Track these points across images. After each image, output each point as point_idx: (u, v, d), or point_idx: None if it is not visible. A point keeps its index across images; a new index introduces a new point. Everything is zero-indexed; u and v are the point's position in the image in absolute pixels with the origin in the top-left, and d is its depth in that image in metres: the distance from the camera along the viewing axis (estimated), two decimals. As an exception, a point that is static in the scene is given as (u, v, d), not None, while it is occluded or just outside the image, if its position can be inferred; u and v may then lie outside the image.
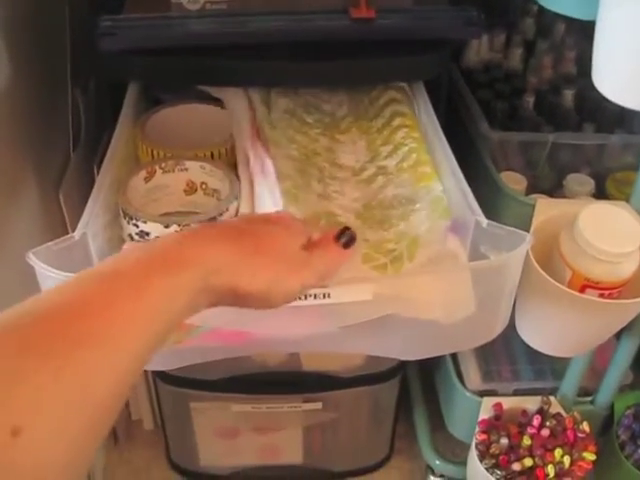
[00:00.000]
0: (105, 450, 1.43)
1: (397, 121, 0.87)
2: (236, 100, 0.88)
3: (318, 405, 1.25)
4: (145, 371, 1.33)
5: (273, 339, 0.73)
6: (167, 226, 0.69)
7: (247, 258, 0.51)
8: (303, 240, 0.58)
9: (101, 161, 0.79)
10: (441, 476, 1.29)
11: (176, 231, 0.67)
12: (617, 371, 1.06)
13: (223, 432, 1.31)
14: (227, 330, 0.69)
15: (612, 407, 1.13)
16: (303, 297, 0.60)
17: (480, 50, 1.18)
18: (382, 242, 0.73)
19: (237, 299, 0.51)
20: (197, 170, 0.79)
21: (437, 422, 1.28)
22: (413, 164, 0.81)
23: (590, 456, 1.03)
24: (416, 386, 1.40)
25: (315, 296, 0.61)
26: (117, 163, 0.78)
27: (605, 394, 1.11)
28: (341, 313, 0.65)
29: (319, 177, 0.81)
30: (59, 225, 0.95)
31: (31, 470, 0.32)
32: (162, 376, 1.22)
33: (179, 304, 0.45)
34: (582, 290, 0.80)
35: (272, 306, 0.54)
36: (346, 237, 0.59)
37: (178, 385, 1.22)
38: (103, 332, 0.38)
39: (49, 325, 0.37)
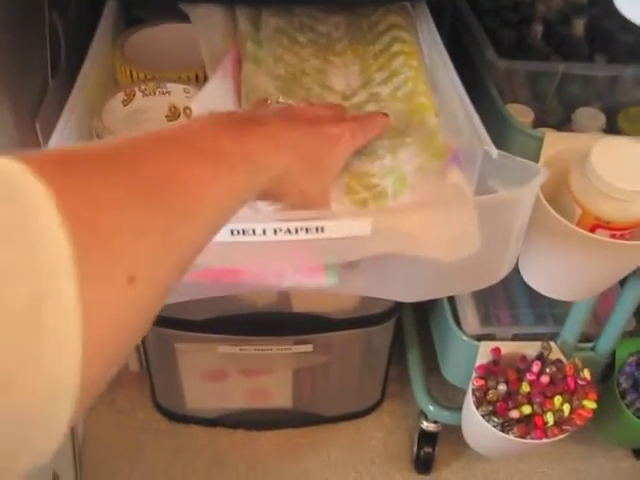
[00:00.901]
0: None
1: (396, 47, 0.81)
2: (210, 16, 0.81)
3: (309, 347, 1.21)
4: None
5: (262, 277, 0.68)
6: (145, 153, 0.63)
7: (306, 171, 0.55)
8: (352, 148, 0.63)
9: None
10: (434, 422, 1.26)
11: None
12: (620, 317, 1.03)
13: (210, 374, 1.28)
14: (216, 267, 0.64)
15: (614, 354, 1.09)
16: (294, 231, 0.55)
17: (487, -24, 1.11)
18: (366, 174, 0.68)
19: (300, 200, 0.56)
20: (180, 93, 0.73)
21: (431, 364, 1.24)
22: (409, 93, 0.75)
23: (590, 404, 0.99)
24: (410, 328, 1.36)
25: (307, 230, 0.55)
26: (92, 85, 0.72)
27: (607, 341, 1.07)
28: (335, 250, 0.60)
29: (304, 97, 0.75)
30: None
31: (143, 315, 0.35)
32: (146, 316, 1.18)
33: (250, 197, 0.48)
34: (592, 230, 0.75)
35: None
36: None
37: (163, 325, 1.17)
38: (197, 207, 0.41)
39: (156, 196, 0.38)
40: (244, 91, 0.73)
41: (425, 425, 1.27)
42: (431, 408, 1.25)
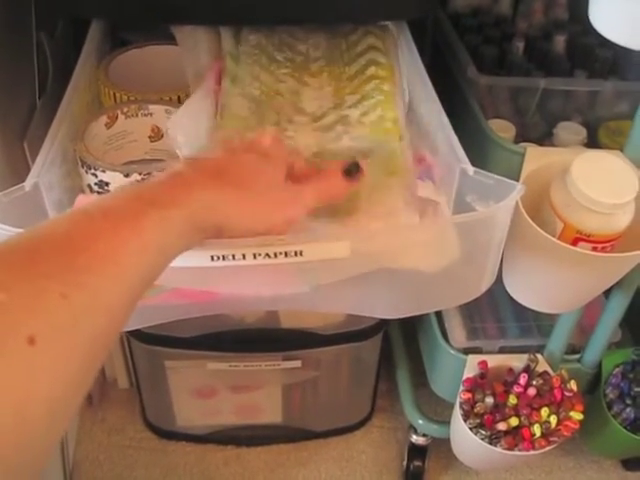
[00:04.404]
0: (79, 410, 1.39)
1: (370, 70, 0.80)
2: (195, 35, 0.82)
3: (297, 363, 1.21)
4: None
5: (242, 298, 0.68)
6: (127, 175, 0.64)
7: (231, 195, 0.52)
8: (284, 170, 0.58)
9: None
10: (424, 435, 1.27)
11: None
12: (606, 329, 1.03)
13: (199, 391, 1.28)
14: (192, 289, 0.64)
15: (600, 365, 1.10)
16: (273, 255, 0.55)
17: (468, -6, 1.12)
18: None
19: (223, 233, 0.53)
20: (162, 115, 0.73)
21: (420, 379, 1.24)
22: (376, 118, 0.75)
23: (577, 415, 1.00)
24: (399, 343, 1.37)
25: (286, 254, 0.56)
26: (77, 107, 0.73)
27: (593, 352, 1.07)
28: (315, 271, 0.61)
29: (276, 120, 0.75)
30: (25, 178, 0.90)
31: (46, 376, 0.36)
32: (136, 334, 1.18)
33: (170, 238, 0.47)
34: (574, 243, 0.75)
35: (255, 236, 0.56)
36: (354, 167, 0.60)
37: (152, 343, 1.18)
38: (102, 263, 0.41)
39: (58, 256, 0.40)
40: (219, 109, 0.74)
41: (415, 439, 1.28)
42: (420, 422, 1.25)
